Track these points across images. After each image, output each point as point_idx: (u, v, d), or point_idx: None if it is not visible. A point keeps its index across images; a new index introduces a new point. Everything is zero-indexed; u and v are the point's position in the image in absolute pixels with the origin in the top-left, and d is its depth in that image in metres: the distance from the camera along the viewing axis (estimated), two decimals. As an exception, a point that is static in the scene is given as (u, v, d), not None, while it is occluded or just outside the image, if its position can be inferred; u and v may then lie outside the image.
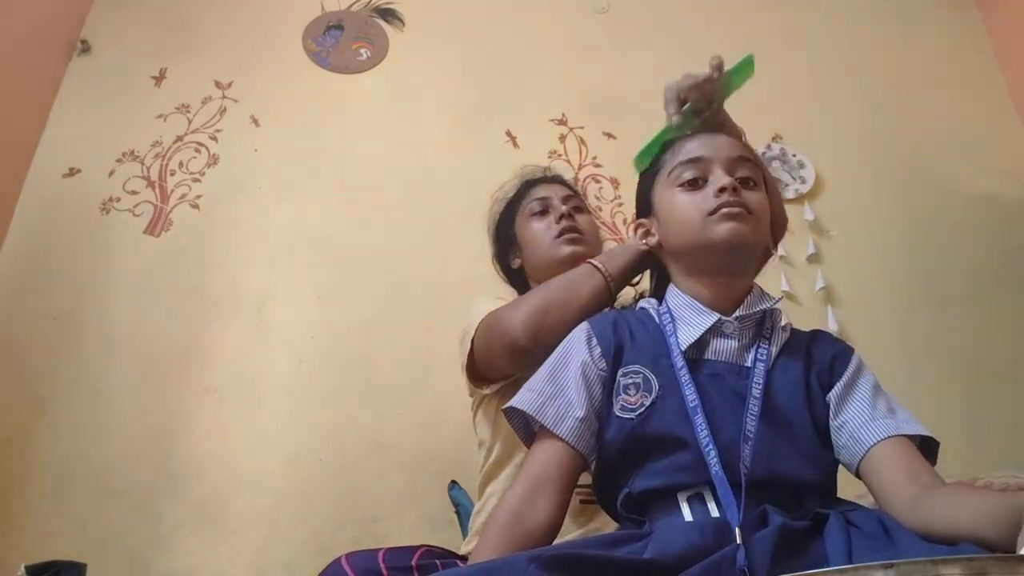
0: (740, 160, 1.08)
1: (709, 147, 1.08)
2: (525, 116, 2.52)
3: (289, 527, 1.92)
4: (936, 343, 2.26)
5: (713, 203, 1.03)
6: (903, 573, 0.55)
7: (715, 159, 1.06)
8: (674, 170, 1.09)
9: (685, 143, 1.11)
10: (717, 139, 1.10)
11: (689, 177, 1.06)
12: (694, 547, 0.84)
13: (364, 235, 2.30)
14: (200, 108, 2.48)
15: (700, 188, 1.05)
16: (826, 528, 0.88)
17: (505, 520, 0.94)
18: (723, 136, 1.11)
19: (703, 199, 1.04)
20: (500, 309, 1.24)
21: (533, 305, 1.19)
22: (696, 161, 1.07)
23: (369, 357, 2.14)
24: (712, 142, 1.09)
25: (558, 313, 1.16)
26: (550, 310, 1.16)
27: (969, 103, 2.63)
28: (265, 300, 2.21)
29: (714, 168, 1.06)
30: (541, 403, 1.01)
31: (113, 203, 2.32)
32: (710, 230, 1.03)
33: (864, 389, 1.02)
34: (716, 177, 1.05)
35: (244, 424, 2.04)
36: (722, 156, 1.07)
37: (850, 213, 2.44)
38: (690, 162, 1.07)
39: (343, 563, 1.12)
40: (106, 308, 2.17)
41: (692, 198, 1.06)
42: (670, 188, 1.09)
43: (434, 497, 1.84)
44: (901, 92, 2.64)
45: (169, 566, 1.85)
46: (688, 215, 1.05)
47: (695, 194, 1.06)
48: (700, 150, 1.08)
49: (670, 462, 0.96)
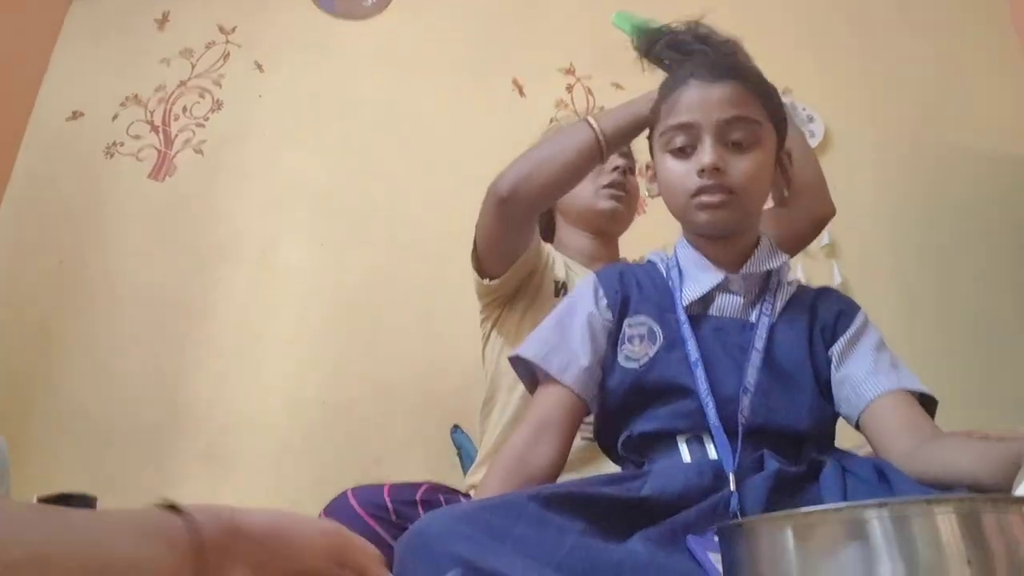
0: (733, 121, 1.02)
1: (701, 108, 1.02)
2: (532, 65, 2.48)
3: (294, 469, 1.95)
4: (938, 301, 2.26)
5: (695, 183, 1.01)
6: (896, 512, 0.55)
7: (705, 125, 1.01)
8: (666, 132, 1.05)
9: (680, 95, 1.04)
10: (712, 93, 1.03)
11: (679, 144, 1.03)
12: (692, 487, 0.86)
13: (368, 183, 2.30)
14: (204, 53, 2.46)
15: (689, 156, 1.03)
16: (822, 473, 0.90)
17: (509, 462, 0.97)
18: (720, 88, 1.03)
19: (688, 173, 1.02)
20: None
21: (521, 160, 1.21)
22: (686, 127, 1.02)
23: (373, 304, 2.15)
24: (706, 99, 1.02)
25: (543, 167, 1.18)
26: (535, 164, 1.19)
27: (980, 61, 2.59)
28: (269, 247, 2.21)
29: (703, 136, 1.01)
30: (546, 352, 1.03)
31: (117, 147, 2.31)
32: (692, 214, 1.02)
33: (867, 345, 1.03)
34: (703, 149, 1.01)
35: (249, 369, 2.07)
36: (712, 120, 1.01)
37: (858, 169, 2.42)
38: (680, 128, 1.03)
39: (349, 497, 1.14)
40: (111, 253, 2.17)
41: (679, 168, 1.03)
42: (662, 151, 1.06)
43: (436, 441, 1.87)
44: (911, 49, 2.60)
45: (176, 506, 1.89)
46: (674, 187, 1.04)
47: (683, 163, 1.03)
48: (691, 113, 1.02)
49: (671, 409, 0.98)
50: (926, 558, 0.53)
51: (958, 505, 0.55)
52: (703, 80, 1.04)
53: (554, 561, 0.70)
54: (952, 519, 0.54)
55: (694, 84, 1.04)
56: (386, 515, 1.13)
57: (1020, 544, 0.55)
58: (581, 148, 1.17)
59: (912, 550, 0.53)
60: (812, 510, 0.58)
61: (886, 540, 0.54)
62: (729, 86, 1.04)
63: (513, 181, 1.19)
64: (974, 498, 0.58)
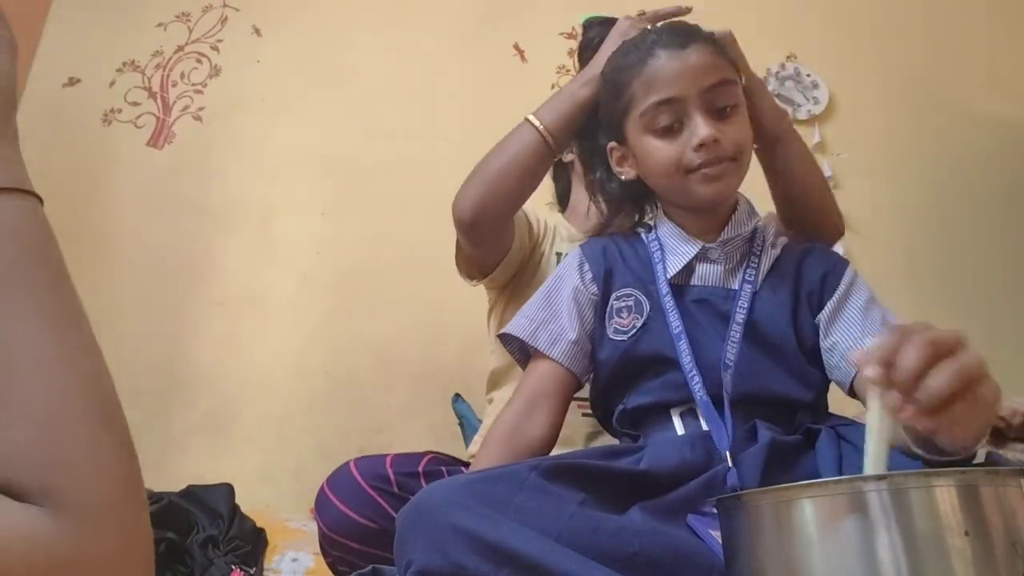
0: (717, 87, 0.98)
1: (682, 79, 0.97)
2: (534, 29, 2.45)
3: (296, 436, 1.97)
4: (943, 269, 2.26)
5: (693, 159, 0.97)
6: (895, 484, 0.55)
7: (690, 97, 0.97)
8: (646, 111, 0.99)
9: (655, 69, 0.99)
10: (688, 60, 0.98)
11: (664, 124, 0.98)
12: (686, 463, 0.86)
13: (369, 149, 2.28)
14: (201, 17, 2.42)
15: (676, 133, 0.98)
16: (817, 443, 0.90)
17: (503, 434, 0.98)
18: (694, 53, 0.98)
19: (681, 150, 0.98)
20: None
21: (472, 181, 1.15)
22: (670, 103, 0.98)
23: (374, 272, 2.15)
24: (684, 68, 0.97)
25: (499, 181, 1.13)
26: (490, 180, 1.13)
27: (989, 26, 2.55)
28: (269, 215, 2.21)
29: (690, 110, 0.97)
30: (534, 328, 1.03)
31: (115, 114, 2.29)
32: (692, 189, 0.99)
33: (855, 306, 1.00)
34: (694, 124, 0.97)
35: (250, 337, 2.07)
36: (695, 90, 0.97)
37: (863, 136, 2.40)
38: (663, 104, 0.98)
39: (351, 468, 1.14)
40: (111, 220, 2.17)
41: (669, 148, 0.99)
42: (644, 133, 1.01)
43: (438, 410, 1.88)
44: (918, 14, 2.56)
45: (180, 472, 1.91)
46: (666, 167, 1.00)
47: (672, 142, 0.99)
48: (673, 87, 0.97)
49: (662, 381, 0.98)
50: (924, 530, 0.54)
51: (957, 478, 0.56)
52: (672, 48, 0.99)
53: (555, 530, 0.71)
54: (950, 492, 0.55)
55: (664, 54, 0.99)
56: (388, 486, 1.13)
57: (1016, 516, 0.56)
58: (530, 151, 1.12)
59: (910, 522, 0.54)
60: (811, 483, 0.58)
61: (884, 513, 0.55)
62: (699, 48, 0.99)
63: (472, 205, 1.13)
64: (973, 471, 0.58)
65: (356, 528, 1.12)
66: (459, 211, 1.15)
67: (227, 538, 1.47)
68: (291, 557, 1.52)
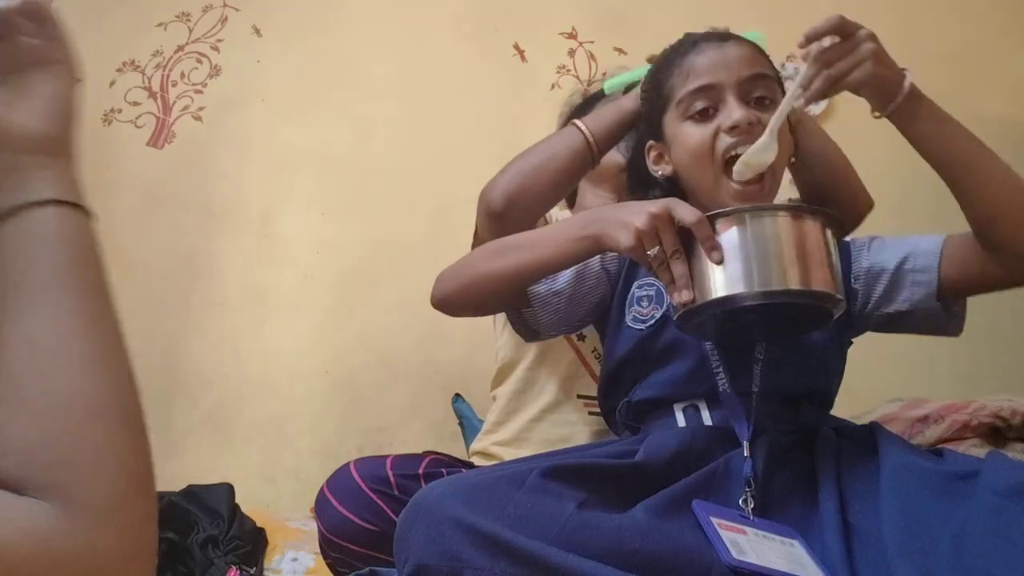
0: (755, 78, 1.00)
1: (720, 68, 0.99)
2: (534, 29, 2.44)
3: (296, 436, 1.97)
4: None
5: (725, 143, 0.97)
6: (759, 210, 0.91)
7: (727, 85, 0.98)
8: (683, 99, 1.01)
9: (694, 60, 1.01)
10: (728, 52, 1.00)
11: (700, 108, 0.99)
12: (684, 452, 0.87)
13: (369, 149, 2.28)
14: (201, 17, 2.42)
15: (711, 118, 0.99)
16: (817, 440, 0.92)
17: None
18: (734, 46, 1.01)
19: (714, 134, 0.98)
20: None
21: (510, 171, 1.14)
22: (706, 89, 0.99)
23: (375, 272, 2.15)
24: (723, 58, 1.00)
25: (536, 176, 1.12)
26: (527, 173, 1.13)
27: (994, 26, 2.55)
28: (270, 215, 2.21)
29: (726, 96, 0.98)
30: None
31: (115, 114, 2.29)
32: (725, 190, 0.99)
33: (890, 256, 1.04)
34: (728, 108, 0.98)
35: (251, 337, 2.07)
36: (734, 79, 0.98)
37: (864, 137, 2.38)
38: (700, 91, 0.99)
39: (351, 470, 1.14)
40: (111, 220, 2.17)
41: (703, 131, 0.99)
42: (680, 120, 1.02)
43: (438, 409, 1.88)
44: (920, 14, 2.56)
45: (180, 472, 1.90)
46: (701, 153, 1.00)
47: (706, 126, 0.99)
48: (710, 75, 0.99)
49: (671, 374, 0.99)
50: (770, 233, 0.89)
51: (792, 210, 0.91)
52: (713, 42, 1.02)
53: (554, 528, 0.71)
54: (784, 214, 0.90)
55: (706, 47, 1.02)
56: (388, 489, 1.13)
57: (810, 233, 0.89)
58: (572, 154, 1.12)
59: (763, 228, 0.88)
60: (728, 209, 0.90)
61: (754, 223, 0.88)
62: (739, 43, 1.02)
63: (506, 194, 1.12)
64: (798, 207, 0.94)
65: (356, 531, 1.12)
66: (489, 199, 1.13)
67: (227, 538, 1.47)
68: (291, 557, 1.52)
